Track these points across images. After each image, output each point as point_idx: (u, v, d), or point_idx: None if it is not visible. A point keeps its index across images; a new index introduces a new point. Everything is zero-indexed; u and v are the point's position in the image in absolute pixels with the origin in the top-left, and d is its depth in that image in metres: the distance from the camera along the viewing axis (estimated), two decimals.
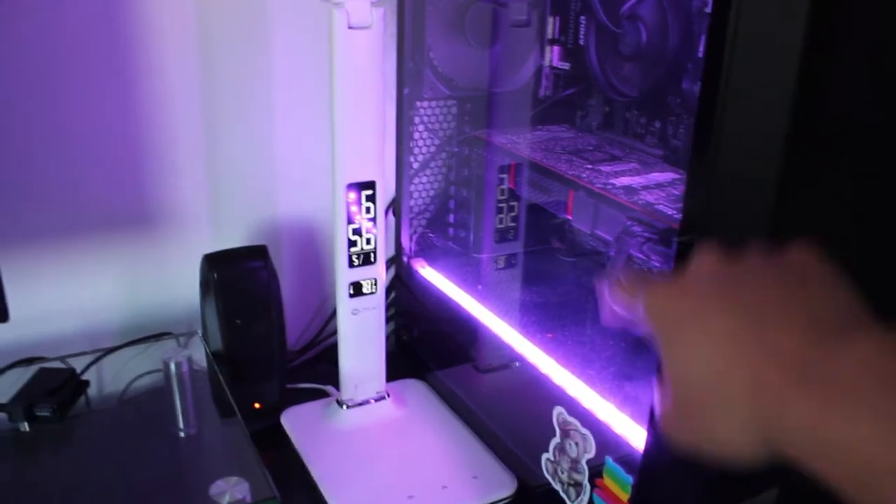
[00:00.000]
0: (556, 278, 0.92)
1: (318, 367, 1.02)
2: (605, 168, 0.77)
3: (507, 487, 0.78)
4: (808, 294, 0.38)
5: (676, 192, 0.70)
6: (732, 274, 0.40)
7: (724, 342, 0.38)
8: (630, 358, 0.75)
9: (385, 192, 0.81)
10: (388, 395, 0.89)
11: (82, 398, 0.82)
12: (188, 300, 0.93)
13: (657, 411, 0.44)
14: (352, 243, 0.81)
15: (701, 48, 0.70)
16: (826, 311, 0.37)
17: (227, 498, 0.64)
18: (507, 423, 0.85)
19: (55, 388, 0.79)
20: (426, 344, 1.00)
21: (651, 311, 0.43)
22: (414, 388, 0.94)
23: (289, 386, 0.91)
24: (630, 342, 0.76)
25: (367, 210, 0.80)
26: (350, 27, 0.72)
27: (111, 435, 0.82)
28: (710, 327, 0.38)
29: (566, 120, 0.91)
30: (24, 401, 0.77)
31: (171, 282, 0.94)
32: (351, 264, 0.81)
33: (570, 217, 0.79)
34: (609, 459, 0.64)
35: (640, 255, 0.67)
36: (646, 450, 0.60)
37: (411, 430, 0.87)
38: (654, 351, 0.46)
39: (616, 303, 0.47)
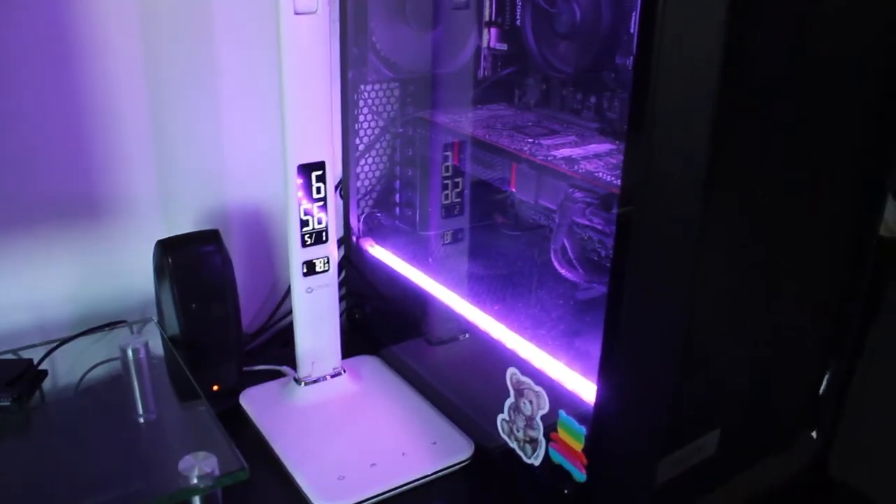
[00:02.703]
0: (501, 251, 0.95)
1: (271, 350, 1.03)
2: (545, 142, 0.80)
3: (466, 450, 0.81)
4: None
5: (614, 161, 0.74)
6: None
7: None
8: (578, 315, 0.79)
9: (333, 173, 0.83)
10: (344, 371, 0.91)
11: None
12: (141, 288, 0.93)
13: None
14: (304, 223, 0.83)
15: (632, 24, 0.74)
16: None
17: (195, 472, 0.65)
18: (462, 390, 0.87)
19: (13, 378, 0.79)
20: (378, 321, 1.02)
21: None
22: (369, 364, 0.96)
23: (245, 369, 0.92)
24: (578, 301, 0.80)
25: (318, 190, 0.82)
26: (296, 13, 0.75)
27: (72, 424, 0.82)
28: None
29: (505, 99, 0.94)
30: None
31: (124, 270, 0.95)
32: (304, 244, 0.83)
33: (513, 189, 0.82)
34: (562, 413, 0.67)
35: (583, 221, 0.70)
36: (597, 401, 0.63)
37: (369, 404, 0.89)
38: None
39: None
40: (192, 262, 0.85)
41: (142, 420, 0.80)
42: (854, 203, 0.76)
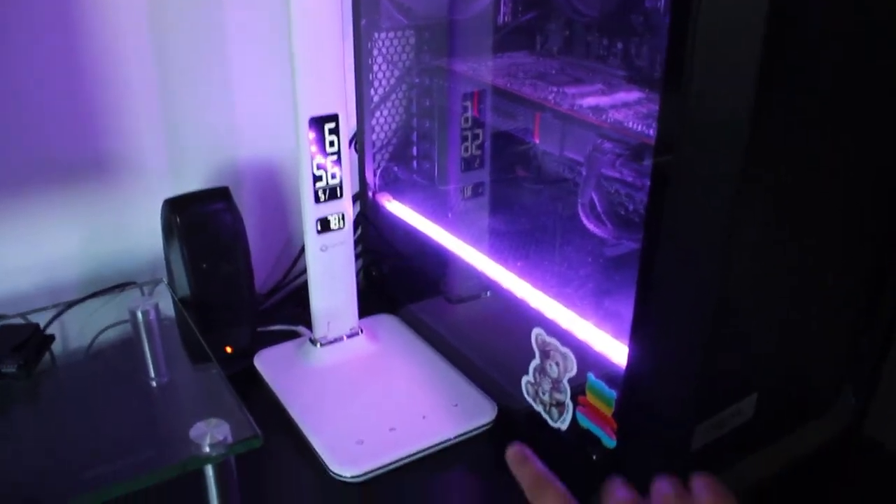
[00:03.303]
0: (524, 205, 0.92)
1: (286, 310, 1.01)
2: (570, 90, 0.77)
3: (488, 413, 0.78)
4: None
5: (644, 110, 0.70)
6: None
7: None
8: (607, 273, 0.75)
9: (347, 126, 0.80)
10: (362, 331, 0.89)
11: (47, 354, 0.80)
12: (150, 248, 0.91)
13: None
14: (317, 178, 0.79)
15: None
16: None
17: (207, 440, 0.63)
18: (484, 350, 0.85)
19: (19, 344, 0.77)
20: (396, 279, 1.00)
21: None
22: (386, 323, 0.94)
23: (259, 329, 0.90)
24: (607, 258, 0.77)
25: (331, 144, 0.79)
26: None
27: (82, 388, 0.80)
28: None
29: (526, 46, 0.91)
30: None
31: (132, 230, 0.92)
32: (317, 200, 0.80)
33: (536, 141, 0.78)
34: (591, 376, 0.64)
35: (613, 173, 0.67)
36: (629, 363, 0.60)
37: (387, 364, 0.86)
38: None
39: None
40: (202, 221, 0.82)
41: (153, 385, 0.78)
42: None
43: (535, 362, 0.69)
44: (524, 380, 0.71)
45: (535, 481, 0.51)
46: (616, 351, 0.65)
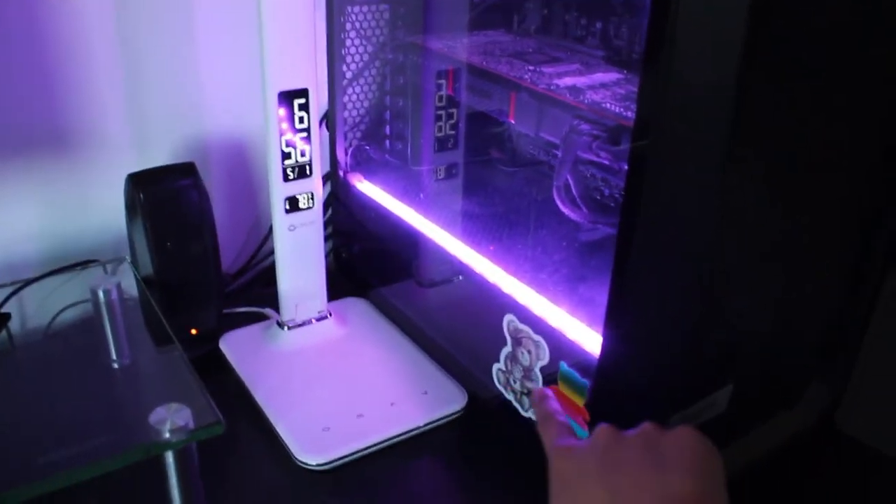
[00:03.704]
0: (498, 188, 0.90)
1: (254, 291, 0.99)
2: (547, 69, 0.75)
3: (458, 401, 0.77)
4: (671, 480, 0.46)
5: (622, 91, 0.69)
6: (617, 454, 0.49)
7: None
8: (582, 258, 0.74)
9: (318, 103, 0.78)
10: (330, 315, 0.87)
11: (4, 333, 0.78)
12: (114, 225, 0.88)
13: None
14: (286, 156, 0.77)
15: None
16: (686, 494, 0.45)
17: (168, 425, 0.60)
18: (455, 336, 0.83)
19: None
20: (366, 261, 0.98)
21: (552, 458, 0.53)
22: (356, 307, 0.92)
23: (225, 311, 0.88)
24: (582, 243, 0.75)
25: (301, 120, 0.76)
26: None
27: (40, 370, 0.78)
28: (589, 494, 0.48)
29: (503, 24, 0.89)
30: None
31: (95, 206, 0.89)
32: (286, 178, 0.78)
33: (512, 121, 0.76)
34: (563, 365, 0.62)
35: (590, 155, 0.65)
36: (603, 352, 0.59)
37: (356, 349, 0.85)
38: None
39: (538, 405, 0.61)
40: (167, 198, 0.80)
41: (114, 367, 0.76)
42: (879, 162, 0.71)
43: (507, 350, 0.68)
44: (495, 367, 0.70)
45: (545, 415, 0.59)
46: (589, 339, 0.63)
